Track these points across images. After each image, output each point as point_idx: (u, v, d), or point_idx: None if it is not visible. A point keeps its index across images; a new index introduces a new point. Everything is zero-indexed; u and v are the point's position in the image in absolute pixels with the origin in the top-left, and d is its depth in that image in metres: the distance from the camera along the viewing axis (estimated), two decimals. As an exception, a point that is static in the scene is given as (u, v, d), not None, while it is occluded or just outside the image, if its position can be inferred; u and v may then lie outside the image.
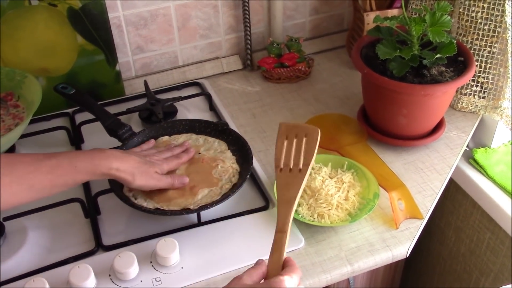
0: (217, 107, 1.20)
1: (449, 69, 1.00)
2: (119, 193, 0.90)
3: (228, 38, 1.34)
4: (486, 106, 1.14)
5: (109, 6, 1.16)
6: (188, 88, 1.28)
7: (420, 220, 0.93)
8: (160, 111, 1.12)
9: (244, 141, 0.99)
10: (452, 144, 1.09)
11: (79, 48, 1.16)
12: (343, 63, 1.37)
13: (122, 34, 1.22)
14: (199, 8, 1.26)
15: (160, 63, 1.30)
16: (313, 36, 1.44)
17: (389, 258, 0.88)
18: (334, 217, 0.89)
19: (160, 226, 0.91)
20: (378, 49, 0.98)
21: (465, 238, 1.26)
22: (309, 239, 0.89)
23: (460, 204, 1.24)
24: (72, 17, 1.11)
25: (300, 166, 0.72)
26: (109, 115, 1.03)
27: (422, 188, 0.99)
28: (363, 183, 0.95)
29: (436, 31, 0.93)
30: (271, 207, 0.95)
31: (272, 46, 1.31)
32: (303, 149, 0.73)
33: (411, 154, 1.07)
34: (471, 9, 1.06)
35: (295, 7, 1.36)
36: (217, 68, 1.33)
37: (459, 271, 1.31)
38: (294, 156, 0.73)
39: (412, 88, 0.96)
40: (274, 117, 1.18)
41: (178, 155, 0.96)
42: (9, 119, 1.04)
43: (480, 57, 1.09)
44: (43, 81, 1.16)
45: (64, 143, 1.11)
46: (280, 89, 1.28)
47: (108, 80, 1.22)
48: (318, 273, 0.84)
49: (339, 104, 1.22)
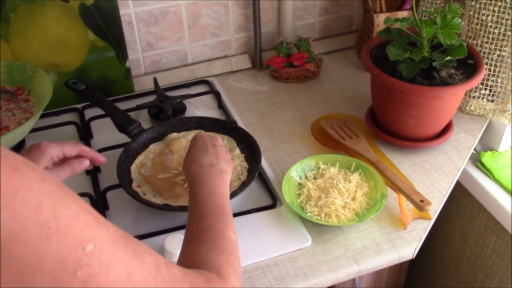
0: (225, 105, 1.20)
1: (459, 72, 1.00)
2: (128, 188, 0.90)
3: (237, 37, 1.34)
4: (494, 110, 1.14)
5: (121, 3, 1.17)
6: (197, 86, 1.28)
7: (427, 221, 0.93)
8: (169, 108, 1.12)
9: (253, 139, 1.00)
10: (460, 146, 1.09)
11: (90, 44, 1.16)
12: (352, 64, 1.37)
13: (132, 31, 1.23)
14: (210, 6, 1.26)
15: (169, 60, 1.31)
16: (323, 36, 1.44)
17: (396, 258, 0.88)
18: (342, 217, 0.89)
19: (168, 222, 0.91)
20: (388, 51, 0.98)
21: (470, 241, 1.26)
22: (316, 238, 0.90)
23: (466, 207, 1.24)
24: (83, 14, 1.12)
25: None
26: (119, 111, 1.04)
27: (429, 190, 0.99)
28: (370, 183, 0.96)
29: (447, 33, 0.93)
30: (278, 206, 0.95)
31: (282, 46, 1.32)
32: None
33: (418, 156, 1.07)
34: (481, 12, 1.06)
35: (305, 7, 1.36)
36: (226, 67, 1.34)
37: (463, 274, 1.32)
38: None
39: (421, 89, 0.96)
40: (282, 116, 1.19)
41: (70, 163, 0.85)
42: (19, 113, 1.05)
43: (489, 61, 1.09)
44: (54, 76, 1.17)
45: (73, 138, 1.12)
46: (288, 89, 1.28)
47: (118, 77, 1.23)
48: (325, 272, 0.85)
49: (347, 104, 1.22)
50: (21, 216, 0.40)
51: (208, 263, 0.61)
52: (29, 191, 0.41)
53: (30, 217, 0.41)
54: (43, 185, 0.43)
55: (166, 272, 0.51)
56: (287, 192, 0.93)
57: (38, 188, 0.42)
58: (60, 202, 0.43)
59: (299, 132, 1.14)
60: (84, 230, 0.44)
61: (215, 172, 0.78)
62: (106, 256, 0.45)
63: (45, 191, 0.43)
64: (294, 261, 0.86)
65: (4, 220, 0.40)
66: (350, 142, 1.05)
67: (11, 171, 0.41)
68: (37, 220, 0.41)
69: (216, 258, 0.62)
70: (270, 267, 0.86)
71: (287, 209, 0.93)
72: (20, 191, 0.41)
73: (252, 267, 0.85)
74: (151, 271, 0.49)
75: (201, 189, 0.74)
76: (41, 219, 0.41)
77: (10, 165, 0.41)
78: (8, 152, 0.42)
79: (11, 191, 0.40)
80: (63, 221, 0.43)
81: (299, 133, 1.13)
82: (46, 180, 0.43)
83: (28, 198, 0.41)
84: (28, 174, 0.42)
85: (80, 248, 0.44)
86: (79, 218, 0.44)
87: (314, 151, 1.07)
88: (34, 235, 0.41)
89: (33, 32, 1.11)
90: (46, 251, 0.42)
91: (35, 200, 0.41)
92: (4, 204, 0.40)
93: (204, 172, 0.78)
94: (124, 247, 0.48)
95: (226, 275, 0.61)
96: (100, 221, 0.47)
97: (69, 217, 0.44)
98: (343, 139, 1.06)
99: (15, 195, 0.40)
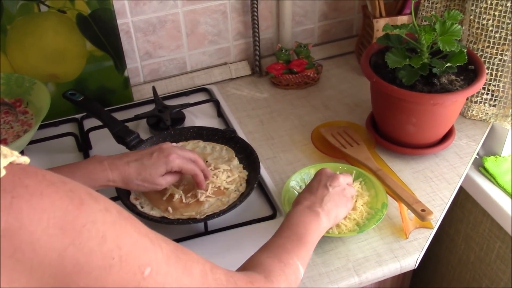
0: (225, 113, 1.20)
1: (459, 78, 0.99)
2: (125, 201, 0.90)
3: (236, 44, 1.34)
4: (496, 114, 1.13)
5: (118, 13, 1.16)
6: (196, 94, 1.28)
7: (430, 229, 0.92)
8: (168, 117, 1.12)
9: (252, 149, 0.99)
10: (462, 152, 1.08)
11: (88, 54, 1.16)
12: (352, 69, 1.36)
13: (130, 40, 1.22)
14: (208, 14, 1.26)
15: (168, 69, 1.30)
16: (322, 42, 1.43)
17: (397, 269, 0.87)
18: (342, 227, 0.88)
19: (167, 234, 0.89)
20: (388, 58, 0.97)
21: (474, 246, 1.25)
22: (316, 249, 0.89)
23: (470, 212, 1.22)
24: (81, 24, 1.12)
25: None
26: (117, 122, 1.04)
27: (431, 198, 0.98)
28: (371, 192, 0.94)
29: (446, 40, 0.92)
30: (278, 216, 0.94)
31: (281, 52, 1.31)
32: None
33: (420, 163, 1.06)
34: (482, 16, 1.04)
35: (304, 13, 1.36)
36: (226, 74, 1.33)
37: (468, 279, 1.30)
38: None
39: (421, 97, 0.95)
40: (282, 124, 1.18)
41: (197, 163, 0.90)
42: (17, 125, 1.05)
43: (491, 65, 1.08)
44: (52, 87, 1.17)
45: (72, 149, 1.11)
46: (288, 96, 1.27)
47: (117, 86, 1.22)
48: (325, 284, 0.84)
49: (347, 111, 1.21)
50: (88, 249, 0.42)
51: (261, 265, 0.65)
52: (94, 223, 0.43)
53: (95, 249, 0.43)
54: (106, 215, 0.45)
55: (212, 278, 0.55)
56: (286, 203, 0.92)
57: (102, 220, 0.44)
58: (121, 230, 0.46)
59: (299, 140, 1.13)
60: (142, 255, 0.47)
61: (311, 215, 0.78)
62: (161, 276, 0.48)
63: (108, 221, 0.45)
64: (294, 273, 0.85)
65: (72, 254, 0.41)
66: (350, 150, 1.04)
67: (78, 205, 0.43)
68: (102, 251, 0.43)
69: (271, 263, 0.65)
70: (270, 279, 0.85)
71: (287, 220, 0.92)
72: (86, 224, 0.43)
73: (252, 280, 0.84)
74: (198, 281, 0.53)
75: (288, 220, 0.77)
76: (105, 250, 0.44)
77: (76, 199, 0.43)
78: (73, 185, 0.44)
79: (78, 225, 0.42)
80: (124, 250, 0.45)
81: (299, 141, 1.12)
82: (109, 210, 0.45)
83: (94, 230, 0.43)
84: (92, 206, 0.44)
85: (139, 273, 0.46)
86: (138, 243, 0.47)
87: (315, 160, 1.06)
88: (98, 266, 0.43)
89: (31, 43, 1.10)
90: (109, 280, 0.44)
91: (100, 232, 0.43)
92: (72, 239, 0.41)
93: (300, 213, 0.79)
94: (176, 263, 0.51)
95: (274, 280, 0.63)
96: (154, 241, 0.49)
97: (129, 244, 0.46)
98: (344, 147, 1.05)
99: (82, 229, 0.42)
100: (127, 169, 0.83)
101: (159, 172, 0.84)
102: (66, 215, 0.41)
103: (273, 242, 0.72)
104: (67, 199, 0.42)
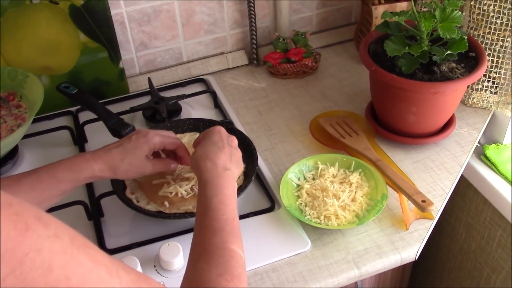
0: (222, 104, 1.18)
1: (460, 65, 0.97)
2: (121, 195, 0.88)
3: (233, 33, 1.31)
4: (498, 102, 1.11)
5: (112, 3, 1.14)
6: (193, 85, 1.26)
7: (430, 220, 0.91)
8: (164, 109, 1.10)
9: (250, 141, 0.98)
10: (463, 141, 1.06)
11: (82, 46, 1.14)
12: (351, 57, 1.34)
13: (125, 31, 1.20)
14: (204, 3, 1.23)
15: (164, 59, 1.28)
16: (320, 29, 1.41)
17: (398, 261, 0.86)
18: (342, 219, 0.87)
19: (164, 229, 0.89)
20: (387, 46, 0.95)
21: (476, 235, 1.24)
22: (316, 242, 0.88)
23: (471, 200, 1.21)
24: (74, 15, 1.10)
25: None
26: (112, 115, 1.02)
27: (431, 188, 0.97)
28: (371, 183, 0.93)
29: (447, 27, 0.90)
30: (277, 208, 0.93)
31: (278, 41, 1.28)
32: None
33: (420, 153, 1.04)
34: (482, 2, 1.02)
35: (302, 1, 1.33)
36: (223, 64, 1.31)
37: (469, 268, 1.29)
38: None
39: (421, 85, 0.93)
40: (280, 114, 1.16)
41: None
42: (11, 119, 1.03)
43: (492, 52, 1.06)
44: (46, 80, 1.15)
45: (68, 143, 1.10)
46: (286, 85, 1.25)
47: (112, 78, 1.20)
48: (325, 277, 0.83)
49: (347, 100, 1.19)
50: (30, 280, 0.39)
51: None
52: (39, 252, 0.39)
53: (39, 280, 0.39)
54: (55, 242, 0.41)
55: None
56: (285, 195, 0.91)
57: (49, 248, 0.40)
58: (72, 259, 0.42)
59: (297, 130, 1.11)
60: (97, 287, 0.43)
61: (228, 177, 0.75)
62: None
63: (57, 249, 0.41)
64: (293, 266, 0.84)
65: (12, 284, 0.38)
66: (349, 140, 1.02)
67: (22, 231, 0.39)
68: (47, 283, 0.40)
69: (227, 286, 0.60)
70: (268, 273, 0.84)
71: (285, 212, 0.91)
72: (29, 253, 0.39)
73: (250, 274, 0.83)
74: None
75: (215, 195, 0.71)
76: (51, 281, 0.40)
77: (21, 224, 0.39)
78: (20, 208, 0.40)
79: (20, 253, 0.38)
80: (74, 281, 0.41)
81: (298, 132, 1.11)
82: (59, 236, 0.42)
83: (38, 259, 0.39)
84: (39, 232, 0.40)
85: None
86: (91, 274, 0.43)
87: (313, 150, 1.05)
88: None
89: (23, 35, 1.08)
90: None
91: (46, 262, 0.40)
92: (12, 268, 0.38)
93: (218, 174, 0.75)
94: None
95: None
96: (112, 271, 0.45)
97: (80, 275, 0.42)
98: (343, 137, 1.03)
99: (24, 258, 0.38)
100: (110, 156, 0.81)
101: (143, 152, 0.83)
102: (6, 242, 0.37)
103: (211, 240, 0.66)
104: (10, 223, 0.38)
